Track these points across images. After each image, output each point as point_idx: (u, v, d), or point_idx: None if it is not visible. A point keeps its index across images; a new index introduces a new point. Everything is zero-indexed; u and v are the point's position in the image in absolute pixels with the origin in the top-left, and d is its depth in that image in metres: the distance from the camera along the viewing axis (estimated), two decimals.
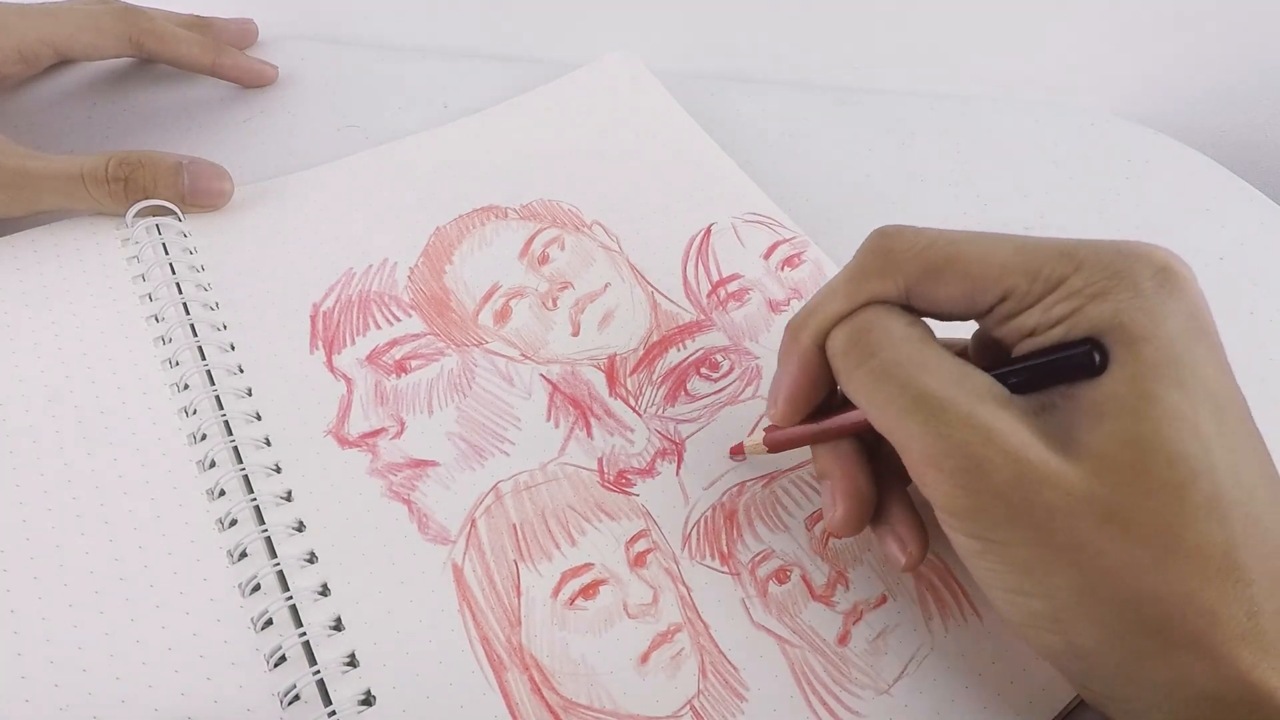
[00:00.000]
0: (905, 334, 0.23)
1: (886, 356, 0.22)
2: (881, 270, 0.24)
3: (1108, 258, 0.21)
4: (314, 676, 0.25)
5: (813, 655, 0.26)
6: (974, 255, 0.23)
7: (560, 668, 0.25)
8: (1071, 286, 0.21)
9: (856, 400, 0.24)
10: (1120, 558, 0.19)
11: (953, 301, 0.23)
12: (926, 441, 0.21)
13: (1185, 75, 0.44)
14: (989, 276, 0.22)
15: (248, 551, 0.27)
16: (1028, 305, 0.22)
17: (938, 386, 0.21)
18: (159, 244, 0.34)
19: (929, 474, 0.21)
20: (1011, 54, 0.45)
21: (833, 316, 0.24)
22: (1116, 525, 0.19)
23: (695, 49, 0.47)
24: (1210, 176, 0.41)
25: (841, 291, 0.24)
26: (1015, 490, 0.20)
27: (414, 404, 0.31)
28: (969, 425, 0.21)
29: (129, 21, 0.41)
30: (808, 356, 0.25)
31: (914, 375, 0.22)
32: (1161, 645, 0.19)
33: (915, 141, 0.42)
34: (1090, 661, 0.21)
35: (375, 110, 0.42)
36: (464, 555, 0.27)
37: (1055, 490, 0.20)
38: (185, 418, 0.30)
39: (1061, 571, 0.20)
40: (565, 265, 0.35)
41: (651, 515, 0.29)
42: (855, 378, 0.23)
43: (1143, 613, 0.19)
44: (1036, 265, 0.22)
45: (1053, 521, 0.20)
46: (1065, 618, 0.20)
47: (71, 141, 0.40)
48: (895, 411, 0.22)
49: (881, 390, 0.22)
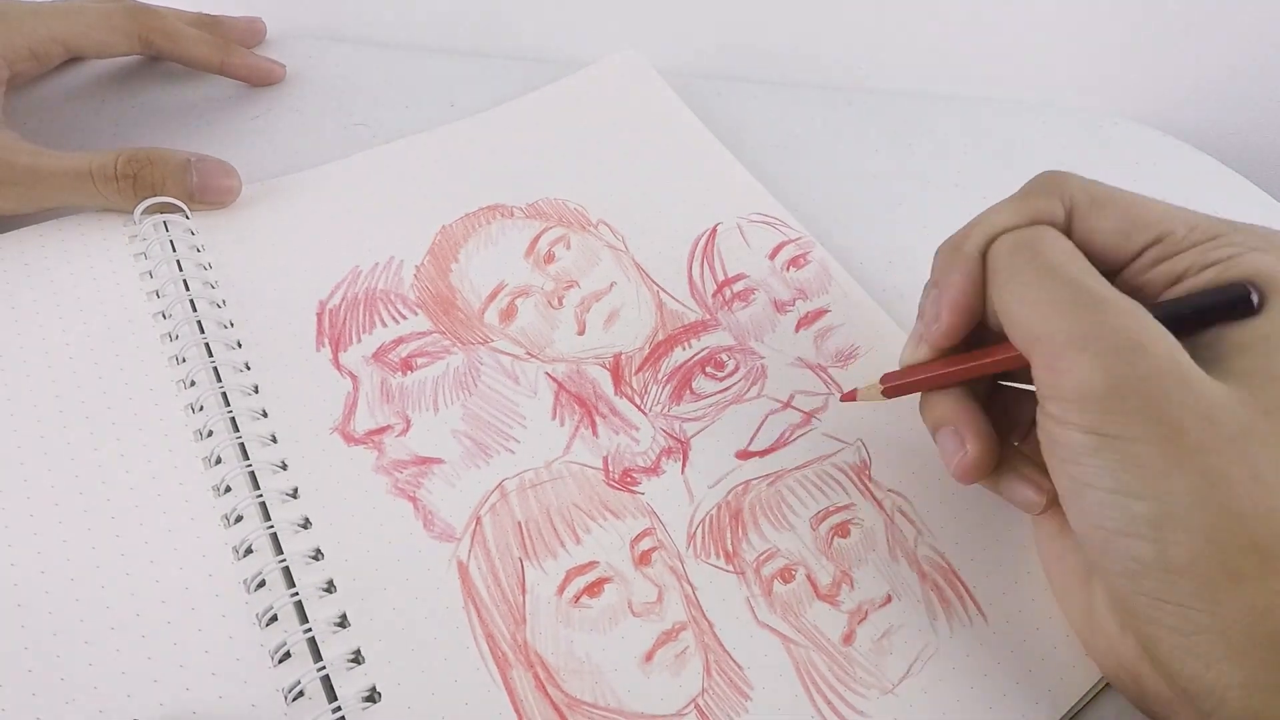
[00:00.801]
0: (1071, 249, 0.23)
1: (1055, 258, 0.23)
2: (1049, 191, 0.25)
3: (1262, 229, 0.23)
4: (319, 673, 0.25)
5: (817, 655, 0.26)
6: (1136, 199, 0.24)
7: (565, 665, 0.25)
8: (1229, 240, 0.22)
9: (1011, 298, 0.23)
10: (1245, 472, 0.19)
11: (1109, 235, 0.24)
12: (1080, 325, 0.21)
13: (1193, 78, 0.44)
14: (1148, 217, 0.23)
15: (253, 548, 0.27)
16: (1181, 249, 0.23)
17: (1104, 289, 0.22)
18: (166, 241, 0.34)
19: (1070, 356, 0.21)
20: (1020, 56, 0.45)
21: (999, 227, 0.25)
22: (1249, 442, 0.20)
23: (701, 49, 0.47)
24: (1218, 179, 0.40)
25: (1009, 207, 0.25)
26: (1159, 382, 0.20)
27: (419, 402, 0.31)
28: (1130, 315, 0.21)
29: (139, 20, 0.41)
30: (974, 265, 0.25)
31: (1082, 276, 0.22)
32: (1263, 567, 0.19)
33: (922, 143, 0.42)
34: (1178, 577, 0.20)
35: (382, 109, 0.42)
36: (469, 552, 0.27)
37: (1198, 395, 0.20)
38: (191, 414, 0.30)
39: (1182, 474, 0.20)
40: (571, 264, 0.35)
41: (656, 514, 0.29)
42: (1020, 275, 0.23)
43: (1254, 529, 0.19)
44: (1195, 219, 0.23)
45: (1188, 421, 0.20)
46: (1169, 524, 0.20)
47: (80, 139, 0.41)
48: (1051, 303, 0.22)
49: (1045, 286, 0.22)
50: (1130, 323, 0.21)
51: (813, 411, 0.31)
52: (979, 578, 0.28)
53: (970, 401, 0.26)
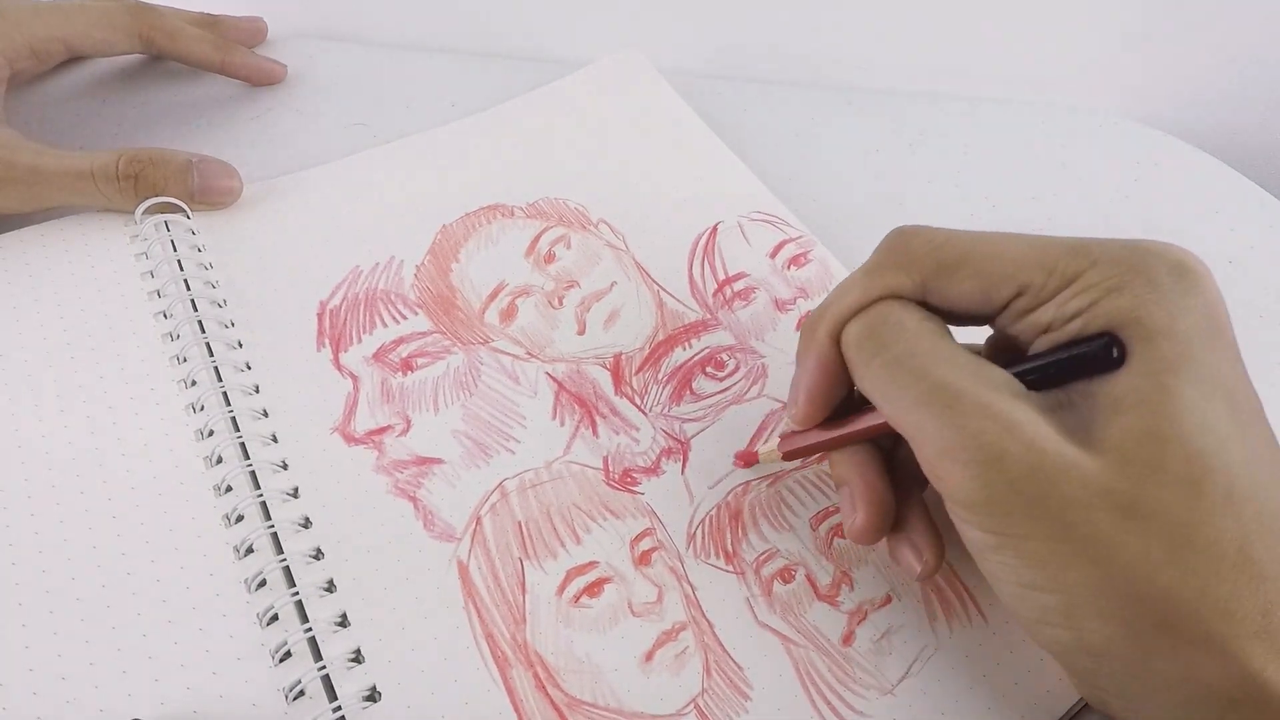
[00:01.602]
0: (920, 327, 0.23)
1: (901, 348, 0.22)
2: (898, 265, 0.24)
3: (1123, 254, 0.21)
4: (319, 672, 0.25)
5: (817, 655, 0.26)
6: (989, 251, 0.23)
7: (565, 665, 0.25)
8: (1087, 281, 0.21)
9: (871, 394, 0.23)
10: (1136, 552, 0.19)
11: (968, 297, 0.23)
12: (942, 432, 0.21)
13: (1195, 77, 0.44)
14: (1004, 272, 0.22)
15: (254, 547, 0.27)
16: (1043, 300, 0.22)
17: (954, 377, 0.21)
18: (167, 241, 0.34)
19: (943, 466, 0.21)
20: (1021, 56, 0.45)
21: (848, 310, 0.24)
22: (1133, 519, 0.19)
23: (702, 48, 0.47)
24: (1220, 179, 0.40)
25: (858, 286, 0.24)
26: (1032, 482, 0.20)
27: (420, 402, 0.31)
28: (986, 415, 0.20)
29: (140, 18, 0.41)
30: (824, 352, 0.25)
31: (929, 366, 0.22)
32: (1173, 642, 0.19)
33: (923, 142, 0.42)
34: (1100, 658, 0.20)
35: (383, 108, 0.42)
36: (469, 552, 0.27)
37: (1073, 482, 0.20)
38: (192, 414, 0.30)
39: (1077, 566, 0.20)
40: (571, 264, 0.35)
41: (656, 514, 0.29)
42: (870, 369, 0.23)
43: (1156, 609, 0.19)
44: (1051, 261, 0.22)
45: (1069, 514, 0.20)
46: (1078, 613, 0.20)
47: (82, 138, 0.41)
48: (910, 403, 0.22)
49: (896, 381, 0.22)
50: (986, 425, 0.20)
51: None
52: (979, 578, 0.28)
53: (870, 461, 0.26)
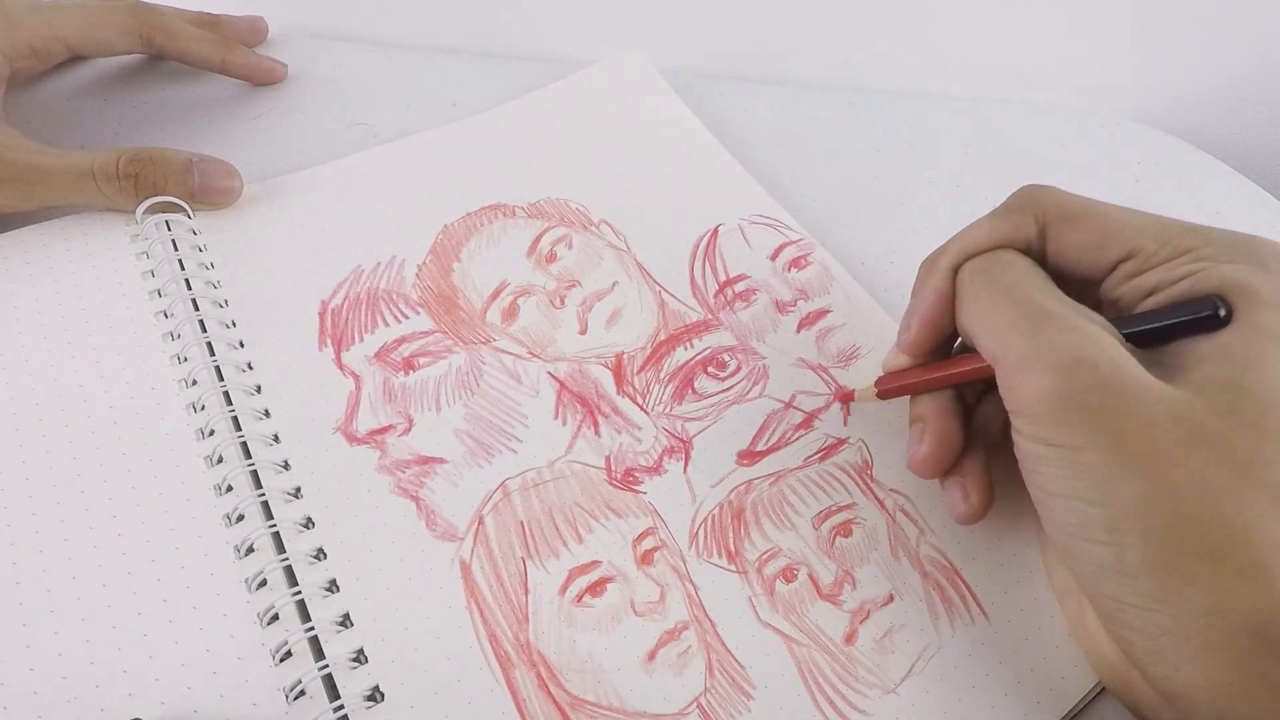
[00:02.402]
0: (1030, 269, 0.24)
1: (1009, 281, 0.24)
2: (1023, 208, 0.25)
3: (1235, 238, 0.23)
4: (320, 672, 0.25)
5: (819, 654, 0.26)
6: (1110, 214, 0.24)
7: (567, 664, 0.25)
8: (1199, 255, 0.23)
9: (971, 323, 0.25)
10: (1196, 475, 0.20)
11: (1082, 249, 0.24)
12: (1028, 344, 0.22)
13: (1196, 77, 0.44)
14: (1121, 232, 0.24)
15: (255, 547, 0.27)
16: (1153, 265, 0.23)
17: (1051, 303, 0.23)
18: (168, 240, 0.34)
19: (1020, 375, 0.22)
20: (1021, 56, 0.45)
21: (970, 247, 0.26)
22: (1199, 445, 0.20)
23: (703, 49, 0.47)
24: (1220, 179, 0.41)
25: (984, 225, 0.26)
26: (1102, 392, 0.21)
27: (422, 401, 0.31)
28: (1075, 330, 0.22)
29: (140, 18, 0.41)
30: (942, 283, 0.26)
31: (1032, 294, 0.23)
32: (1215, 569, 0.19)
33: (924, 143, 0.42)
34: (1134, 580, 0.20)
35: (384, 108, 0.42)
36: (471, 552, 0.27)
37: (1143, 401, 0.20)
38: (193, 413, 0.30)
39: (1129, 480, 0.20)
40: (573, 264, 0.35)
41: (659, 513, 0.29)
42: (977, 300, 0.25)
43: (1204, 532, 0.20)
44: (1167, 234, 0.23)
45: (1132, 428, 0.20)
46: (1122, 528, 0.20)
47: (82, 137, 0.41)
48: (1005, 324, 0.23)
49: (999, 306, 0.24)
50: (1072, 338, 0.22)
51: (814, 411, 0.32)
52: (981, 577, 0.28)
53: (947, 404, 0.27)
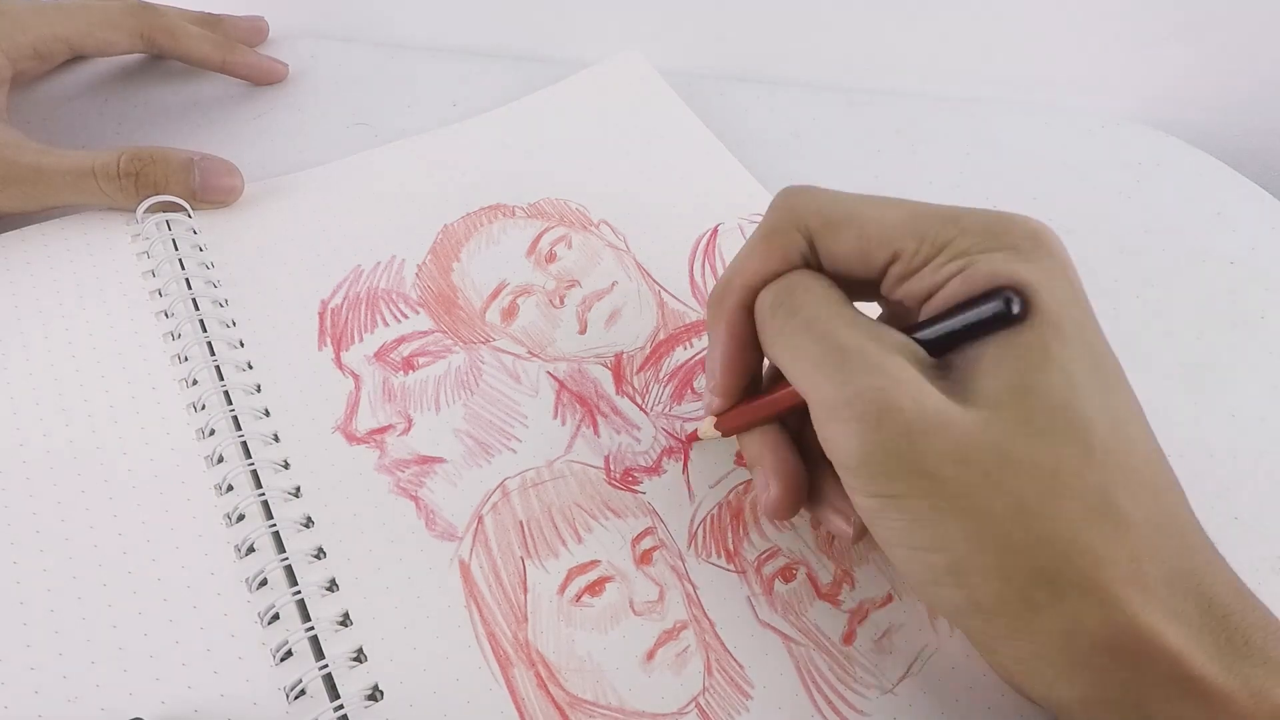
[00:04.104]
0: (826, 293, 0.24)
1: (809, 313, 0.23)
2: (788, 226, 0.24)
3: (988, 221, 0.22)
4: (320, 671, 0.25)
5: (818, 654, 0.26)
6: (868, 215, 0.24)
7: (566, 664, 0.25)
8: (956, 248, 0.22)
9: (778, 358, 0.24)
10: (1008, 503, 0.20)
11: (848, 258, 0.24)
12: (831, 390, 0.21)
13: (1196, 78, 0.44)
14: (881, 235, 0.23)
15: (255, 547, 0.27)
16: (915, 268, 0.23)
17: (849, 338, 0.22)
18: (169, 240, 0.34)
19: (830, 426, 0.22)
20: (1022, 57, 0.45)
21: (754, 276, 0.25)
22: (1004, 470, 0.20)
23: (703, 49, 0.47)
24: (1221, 180, 0.41)
25: (757, 251, 0.25)
26: (908, 439, 0.20)
27: (421, 401, 0.31)
28: (871, 372, 0.21)
29: (142, 18, 0.41)
30: (735, 320, 0.25)
31: (831, 328, 0.22)
32: (1053, 592, 0.20)
33: (924, 144, 0.42)
34: (990, 616, 0.21)
35: (384, 108, 0.43)
36: (471, 552, 0.28)
37: (947, 438, 0.20)
38: (194, 413, 0.30)
39: (955, 521, 0.20)
40: (572, 263, 0.35)
41: (657, 513, 0.29)
42: (781, 335, 0.24)
43: (1033, 559, 0.20)
44: (923, 228, 0.23)
45: (944, 470, 0.20)
46: (963, 570, 0.20)
47: (84, 137, 0.41)
48: (811, 363, 0.22)
49: (801, 344, 0.23)
50: (875, 381, 0.21)
51: None
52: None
53: (779, 438, 0.26)
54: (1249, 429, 0.32)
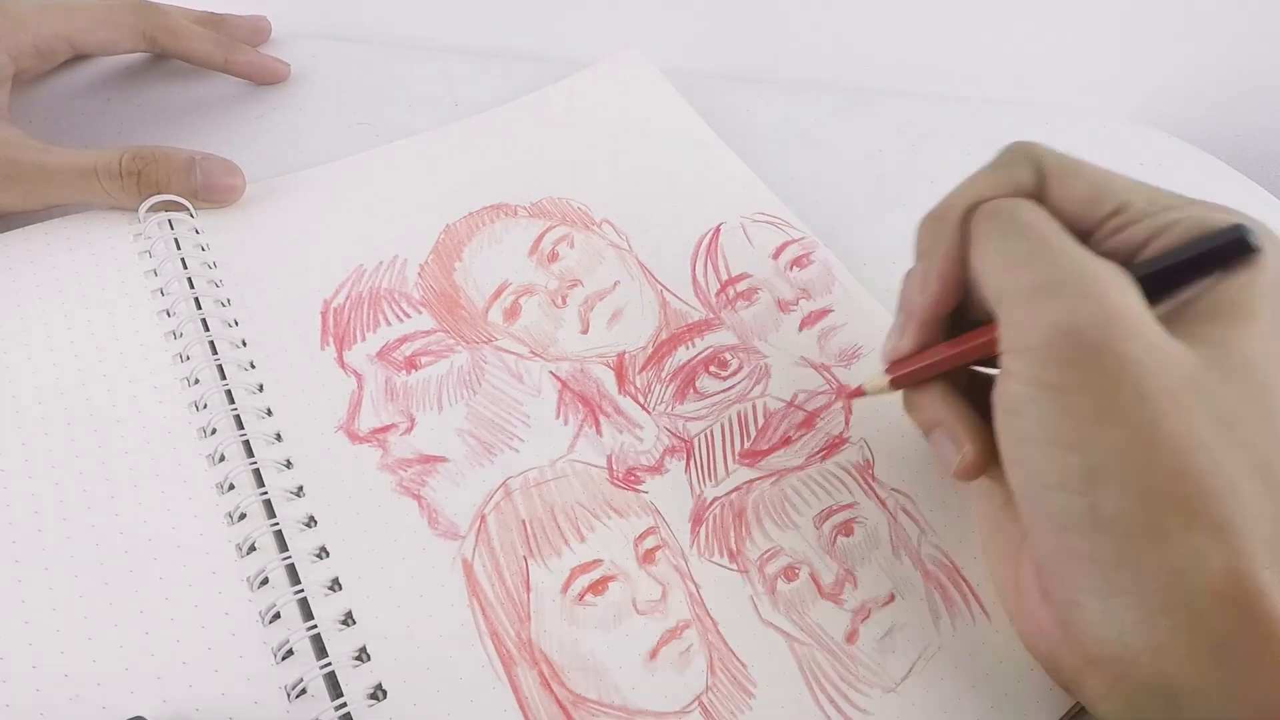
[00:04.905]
0: (1043, 213, 0.24)
1: (1027, 219, 0.23)
2: (1021, 159, 0.25)
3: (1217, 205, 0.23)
4: (321, 670, 0.25)
5: (820, 653, 0.26)
6: (1102, 170, 0.25)
7: (569, 663, 0.25)
8: (1184, 208, 0.23)
9: (984, 263, 0.24)
10: (1182, 427, 0.20)
11: (1077, 203, 0.24)
12: (1040, 276, 0.22)
13: (1199, 79, 0.44)
14: (1111, 187, 0.24)
15: (257, 546, 0.27)
16: (1138, 219, 0.23)
17: (1067, 244, 0.22)
18: (171, 239, 0.34)
19: (1024, 306, 0.22)
20: (1024, 56, 0.45)
21: (977, 194, 0.25)
22: (1191, 396, 0.20)
23: (705, 48, 0.47)
24: (1224, 181, 0.41)
25: (985, 176, 0.26)
26: (1104, 331, 0.20)
27: (424, 400, 0.31)
28: (1087, 266, 0.21)
29: (144, 17, 0.41)
30: (955, 232, 0.25)
31: (1048, 234, 0.23)
32: (1185, 523, 0.19)
33: (927, 143, 0.42)
34: (1105, 534, 0.20)
35: (386, 108, 0.43)
36: (474, 551, 0.27)
37: (1144, 345, 0.20)
38: (195, 412, 0.30)
39: (1114, 427, 0.20)
40: (575, 263, 0.35)
41: (660, 512, 0.29)
42: (993, 235, 0.24)
43: (1181, 486, 0.19)
44: (1155, 194, 0.24)
45: (1126, 371, 0.20)
46: (1100, 477, 0.20)
47: (85, 136, 0.41)
48: (1020, 256, 0.22)
49: (1014, 241, 0.23)
50: (1085, 271, 0.21)
51: (816, 411, 0.32)
52: (982, 576, 0.28)
53: (958, 398, 0.26)
54: None
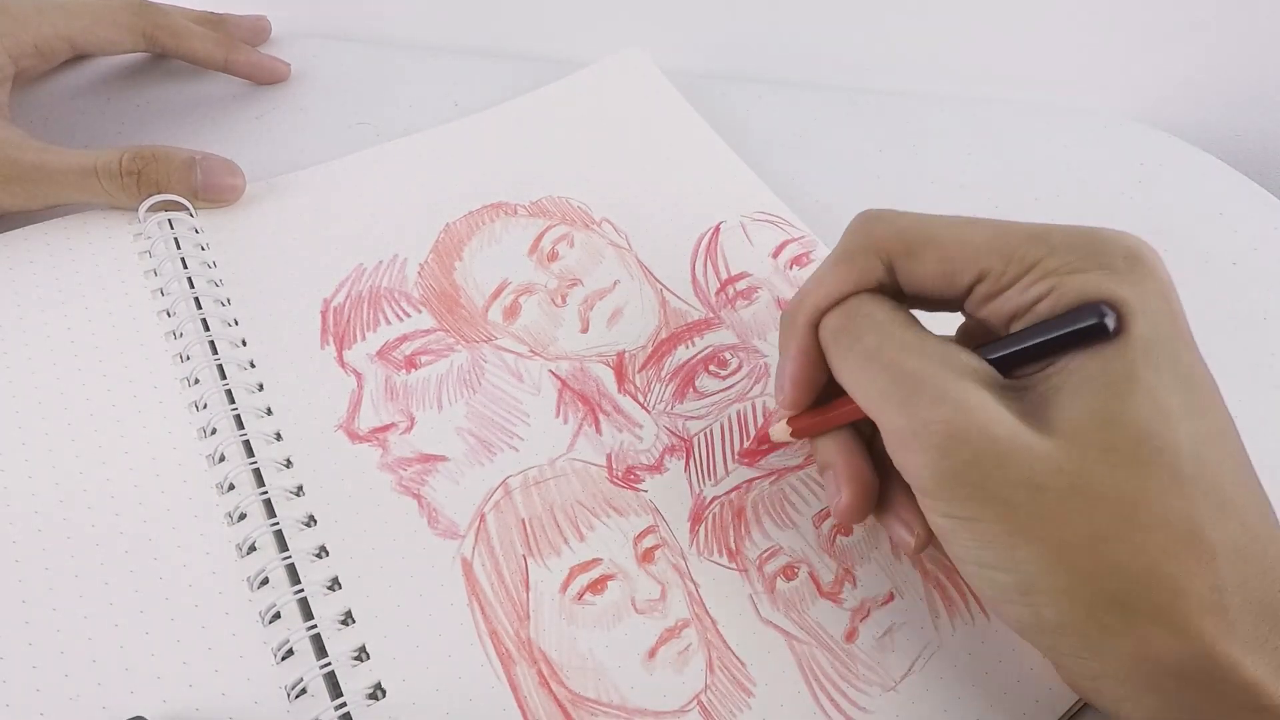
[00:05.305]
0: (891, 318, 0.23)
1: (872, 340, 0.23)
2: (865, 249, 0.24)
3: (1080, 239, 0.22)
4: (321, 670, 0.25)
5: (820, 652, 0.26)
6: (950, 236, 0.23)
7: (568, 662, 0.25)
8: (1045, 267, 0.22)
9: (845, 384, 0.24)
10: (1084, 530, 0.20)
11: (932, 280, 0.24)
12: (903, 419, 0.21)
13: (1198, 78, 0.44)
14: (965, 257, 0.23)
15: (257, 545, 0.27)
16: (1004, 287, 0.23)
17: (917, 365, 0.22)
18: (171, 239, 0.34)
19: (903, 453, 0.22)
20: (1024, 56, 0.45)
21: (823, 298, 0.25)
22: (1082, 498, 0.20)
23: (705, 48, 0.47)
24: (1223, 180, 0.40)
25: (830, 274, 0.25)
26: (979, 465, 0.20)
27: (424, 399, 0.31)
28: (941, 401, 0.21)
29: (144, 17, 0.41)
30: (804, 341, 0.25)
31: (896, 356, 0.22)
32: (1126, 618, 0.20)
33: (926, 143, 0.42)
34: (1058, 635, 0.21)
35: (386, 107, 0.43)
36: (473, 550, 0.27)
37: (1020, 464, 0.20)
38: (196, 412, 0.30)
39: (1026, 545, 0.20)
40: (574, 262, 0.35)
41: (659, 511, 0.29)
42: (846, 362, 0.24)
43: (1107, 585, 0.20)
44: (1010, 247, 0.22)
45: (1016, 495, 0.20)
46: (1032, 591, 0.21)
47: (86, 136, 0.41)
48: (878, 392, 0.22)
49: (866, 373, 0.23)
50: (942, 412, 0.21)
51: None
52: None
53: (851, 444, 0.26)
54: (1249, 430, 0.32)
